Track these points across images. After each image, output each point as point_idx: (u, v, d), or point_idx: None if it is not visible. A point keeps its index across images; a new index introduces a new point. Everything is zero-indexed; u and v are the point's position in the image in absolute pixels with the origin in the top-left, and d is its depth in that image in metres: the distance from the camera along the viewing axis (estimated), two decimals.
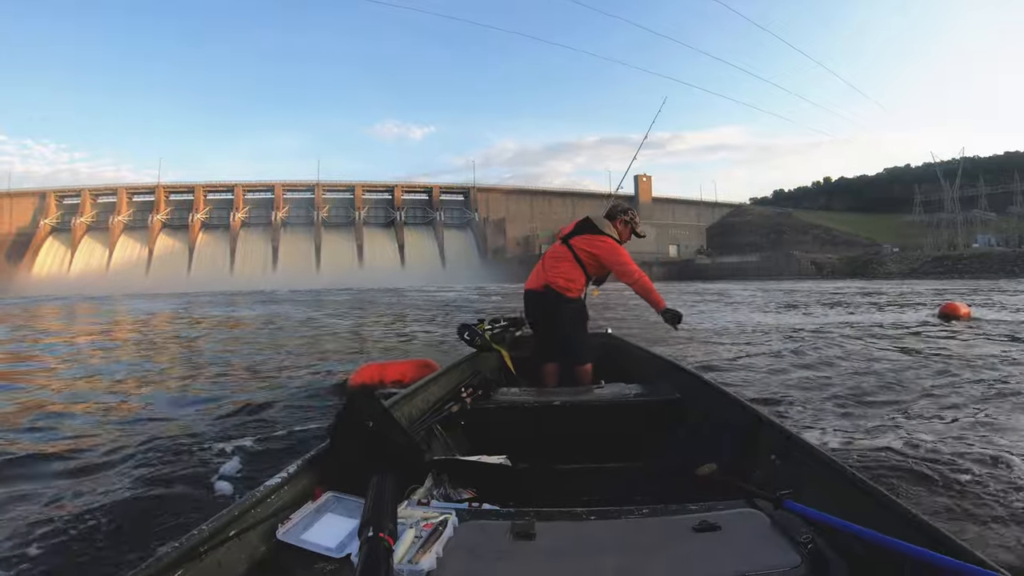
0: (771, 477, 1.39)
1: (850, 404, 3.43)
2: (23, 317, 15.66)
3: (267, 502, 1.11)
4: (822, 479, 1.23)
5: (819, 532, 1.03)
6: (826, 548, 1.00)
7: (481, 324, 3.04)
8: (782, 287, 25.66)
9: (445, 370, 2.55)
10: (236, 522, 1.02)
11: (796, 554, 0.97)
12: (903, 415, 3.17)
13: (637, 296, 2.78)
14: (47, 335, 10.23)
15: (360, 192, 73.25)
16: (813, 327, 8.13)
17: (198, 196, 70.79)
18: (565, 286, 2.84)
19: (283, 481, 1.17)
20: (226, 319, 13.57)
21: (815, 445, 1.37)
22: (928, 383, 3.98)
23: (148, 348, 7.83)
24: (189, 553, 0.90)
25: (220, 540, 0.97)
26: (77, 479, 2.33)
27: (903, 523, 0.97)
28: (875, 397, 3.62)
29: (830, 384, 4.02)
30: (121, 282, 56.78)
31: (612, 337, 3.51)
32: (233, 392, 4.31)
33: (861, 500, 1.09)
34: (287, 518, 1.12)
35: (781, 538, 1.02)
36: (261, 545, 1.05)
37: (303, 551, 1.04)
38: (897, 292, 18.49)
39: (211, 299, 25.04)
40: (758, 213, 78.74)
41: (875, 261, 52.61)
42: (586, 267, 2.86)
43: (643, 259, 60.70)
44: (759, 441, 1.56)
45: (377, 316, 13.31)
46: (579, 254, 2.85)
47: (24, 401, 4.06)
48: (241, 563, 1.00)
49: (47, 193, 69.05)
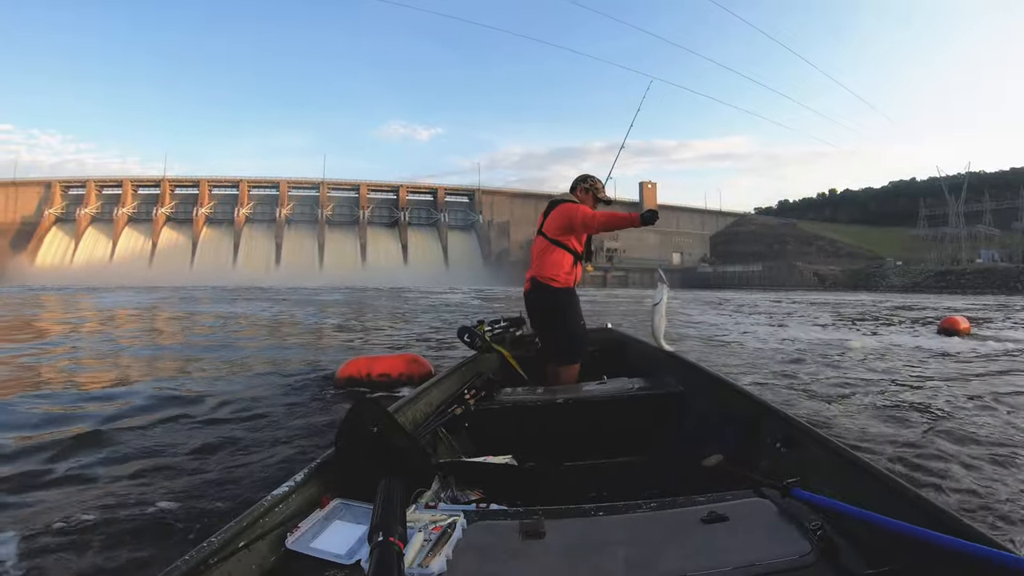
0: (777, 466, 1.39)
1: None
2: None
3: (275, 511, 1.11)
4: (828, 466, 1.23)
5: (828, 519, 1.03)
6: (835, 535, 0.99)
7: (481, 325, 3.03)
8: (798, 297, 25.62)
9: (447, 373, 2.53)
10: (244, 533, 1.01)
11: (806, 541, 0.97)
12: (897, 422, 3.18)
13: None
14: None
15: (365, 191, 73.37)
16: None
17: (203, 191, 70.93)
18: (550, 275, 2.79)
19: (290, 490, 1.16)
20: (189, 315, 13.30)
21: (820, 432, 1.37)
22: (921, 396, 3.98)
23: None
24: (198, 567, 0.90)
25: (229, 551, 0.96)
26: (48, 490, 2.18)
27: (912, 507, 0.97)
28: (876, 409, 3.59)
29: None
30: (124, 274, 56.77)
31: (613, 331, 3.46)
32: (215, 386, 4.18)
33: (869, 485, 1.09)
34: (296, 527, 1.11)
35: (790, 526, 1.03)
36: (271, 555, 1.05)
37: (313, 559, 1.04)
38: (897, 305, 18.56)
39: (192, 296, 24.74)
40: (762, 223, 78.89)
41: (878, 274, 52.73)
42: (564, 244, 2.79)
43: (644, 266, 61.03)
44: (764, 430, 1.56)
45: (359, 321, 12.14)
46: (550, 234, 2.80)
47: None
48: (251, 574, 0.99)
49: (52, 183, 69.13)
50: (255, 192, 72.42)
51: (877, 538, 0.95)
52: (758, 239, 72.17)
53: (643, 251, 65.50)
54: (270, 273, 62.41)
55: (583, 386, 2.50)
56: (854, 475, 1.15)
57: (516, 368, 2.87)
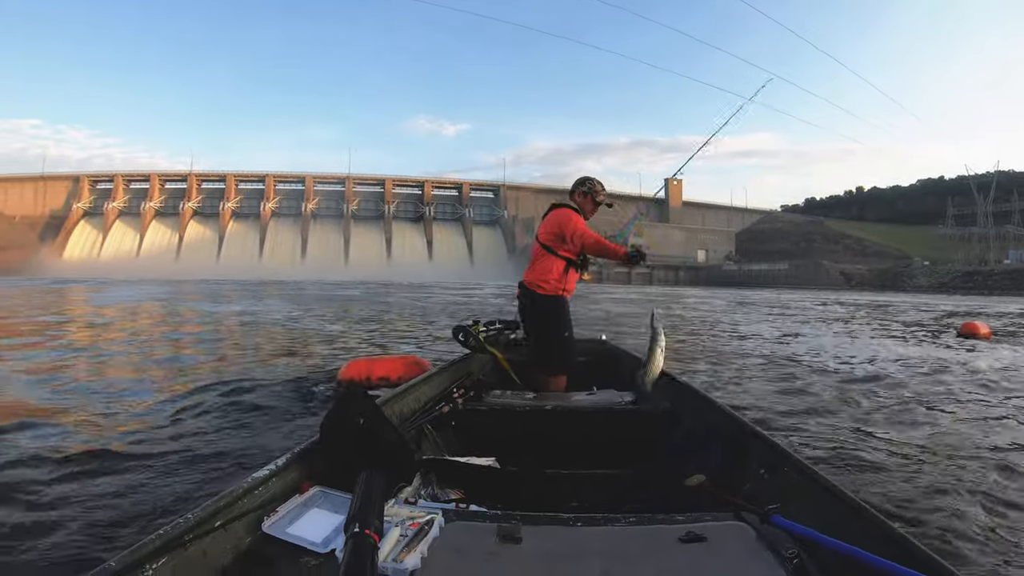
0: (759, 490, 1.39)
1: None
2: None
3: (254, 494, 1.11)
4: (810, 494, 1.23)
5: (805, 548, 1.03)
6: (811, 564, 0.99)
7: (475, 325, 3.03)
8: (831, 297, 24.48)
9: (437, 370, 2.57)
10: (222, 513, 1.02)
11: (782, 569, 0.97)
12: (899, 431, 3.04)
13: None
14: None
15: (390, 186, 73.72)
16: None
17: (229, 185, 71.53)
18: (539, 282, 2.75)
19: (271, 474, 1.16)
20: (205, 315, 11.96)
21: (804, 460, 1.38)
22: (933, 400, 3.84)
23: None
24: (173, 541, 0.90)
25: (205, 530, 0.96)
26: (58, 469, 2.25)
27: (888, 542, 0.97)
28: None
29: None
30: (151, 267, 57.26)
31: (606, 344, 3.45)
32: (221, 380, 4.25)
33: (848, 517, 1.09)
34: (273, 511, 1.12)
35: (767, 552, 1.02)
36: (246, 536, 1.05)
37: (288, 544, 1.04)
38: (950, 310, 17.40)
39: (223, 289, 23.85)
40: (789, 220, 78.16)
41: (905, 274, 52.15)
42: (555, 251, 2.74)
43: (669, 263, 60.73)
44: (749, 454, 1.56)
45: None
46: (542, 239, 2.77)
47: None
48: (226, 554, 1.00)
49: (80, 177, 69.95)
50: (281, 187, 73.02)
51: (852, 571, 0.93)
52: (784, 237, 71.55)
53: (668, 248, 65.12)
54: (295, 267, 62.92)
55: (572, 395, 2.52)
56: (834, 506, 1.15)
57: (508, 371, 2.87)
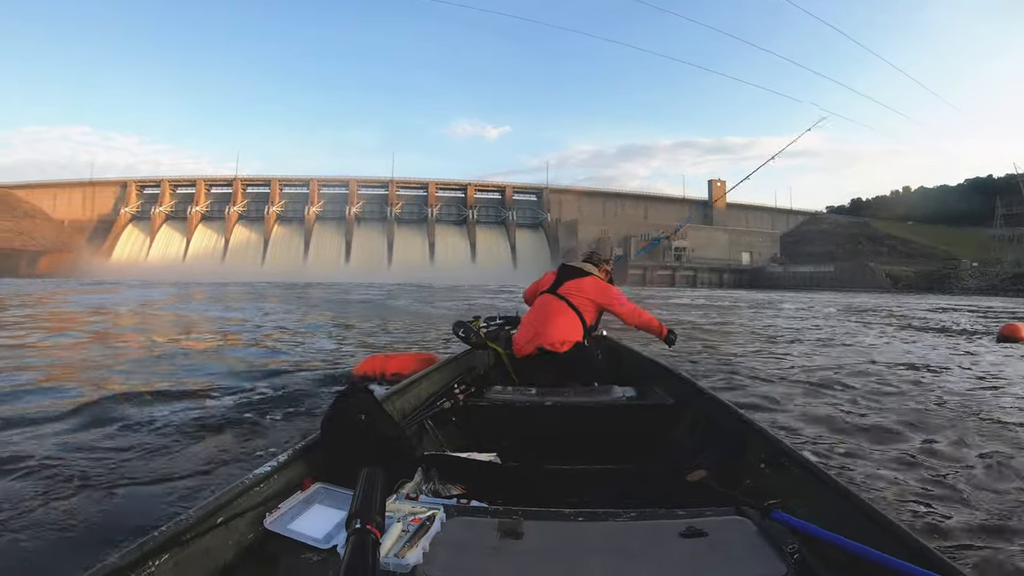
0: (761, 486, 1.40)
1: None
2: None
3: (255, 490, 1.12)
4: (811, 489, 1.24)
5: (806, 543, 1.03)
6: (812, 559, 0.99)
7: (476, 321, 3.05)
8: (887, 301, 22.84)
9: (439, 366, 2.58)
10: (223, 509, 1.02)
11: (782, 564, 0.97)
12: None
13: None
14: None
15: (433, 189, 74.07)
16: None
17: (274, 189, 72.48)
18: (560, 343, 2.69)
19: (272, 470, 1.18)
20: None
21: (805, 455, 1.39)
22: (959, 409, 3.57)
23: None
24: (176, 538, 0.90)
25: (207, 527, 0.97)
26: (59, 470, 2.18)
27: (889, 536, 0.98)
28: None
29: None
30: (197, 270, 57.86)
31: (607, 338, 3.42)
32: (236, 376, 4.21)
33: (849, 512, 1.10)
34: (275, 507, 1.13)
35: (767, 547, 1.02)
36: (248, 533, 1.06)
37: (290, 540, 1.05)
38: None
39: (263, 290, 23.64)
40: (834, 222, 77.05)
41: (952, 276, 51.12)
42: (582, 313, 2.78)
43: (713, 266, 60.16)
44: (750, 449, 1.56)
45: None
46: (573, 300, 2.77)
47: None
48: (228, 550, 1.00)
49: (128, 183, 71.26)
50: (325, 191, 73.76)
51: (854, 566, 0.94)
52: (829, 238, 70.66)
53: (712, 251, 64.66)
54: (340, 270, 63.58)
55: (573, 391, 2.50)
56: (835, 501, 1.15)
57: (509, 366, 2.86)
